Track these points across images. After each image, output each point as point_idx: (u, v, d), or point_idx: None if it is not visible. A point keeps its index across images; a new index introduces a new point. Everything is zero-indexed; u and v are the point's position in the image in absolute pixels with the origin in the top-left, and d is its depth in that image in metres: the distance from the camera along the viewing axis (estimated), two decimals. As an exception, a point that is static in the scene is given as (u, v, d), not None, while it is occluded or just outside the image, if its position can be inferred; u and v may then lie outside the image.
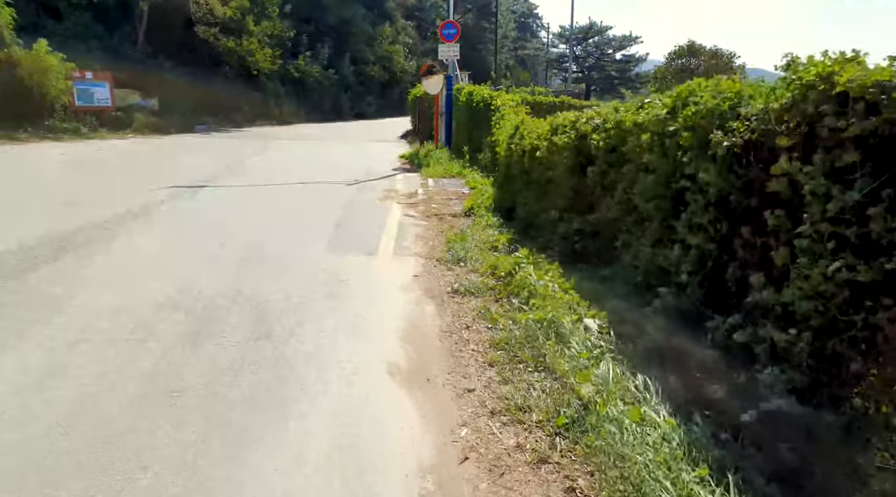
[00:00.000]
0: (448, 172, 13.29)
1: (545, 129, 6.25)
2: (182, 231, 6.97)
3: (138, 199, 9.11)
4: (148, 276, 5.04)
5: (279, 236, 6.54)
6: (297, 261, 5.56)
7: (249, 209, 8.51)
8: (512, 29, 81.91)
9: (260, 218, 7.72)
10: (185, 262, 5.44)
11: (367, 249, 6.14)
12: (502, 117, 12.21)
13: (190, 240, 6.42)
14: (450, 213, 8.38)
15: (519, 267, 4.77)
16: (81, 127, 20.78)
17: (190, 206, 8.69)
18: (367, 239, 6.59)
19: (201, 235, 6.65)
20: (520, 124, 8.23)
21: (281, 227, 7.16)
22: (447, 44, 16.37)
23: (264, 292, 4.62)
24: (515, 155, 7.78)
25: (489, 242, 6.17)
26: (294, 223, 7.40)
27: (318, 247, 6.12)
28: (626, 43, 75.06)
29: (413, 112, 25.01)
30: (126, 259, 5.68)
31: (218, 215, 7.94)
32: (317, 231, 6.91)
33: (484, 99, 14.31)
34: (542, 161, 6.21)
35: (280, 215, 7.96)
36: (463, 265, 5.42)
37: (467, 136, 16.18)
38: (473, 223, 7.45)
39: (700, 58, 34.65)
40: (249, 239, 6.32)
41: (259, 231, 6.81)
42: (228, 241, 6.25)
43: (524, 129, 7.63)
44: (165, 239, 6.51)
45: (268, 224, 7.33)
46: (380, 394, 3.13)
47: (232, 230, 6.85)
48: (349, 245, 6.28)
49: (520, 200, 7.49)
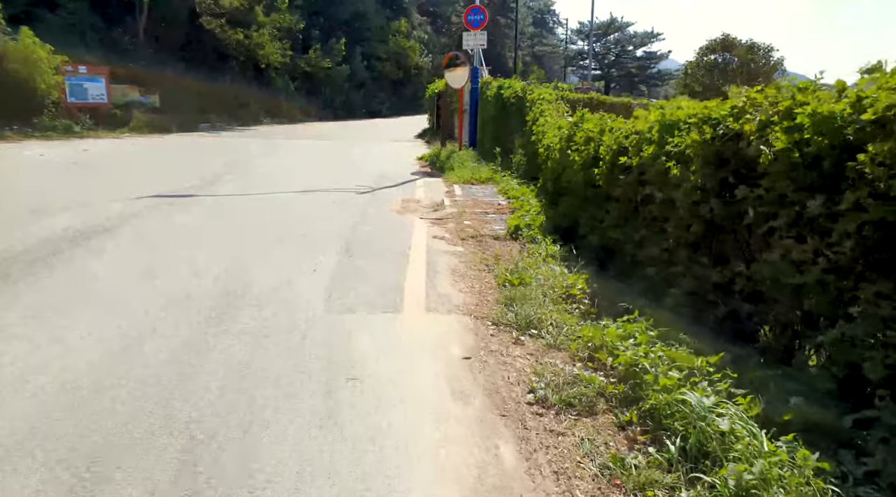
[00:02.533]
0: (476, 177, 11.48)
1: (638, 126, 4.41)
2: (139, 262, 5.22)
3: (110, 211, 7.46)
4: (55, 339, 3.31)
5: (263, 277, 4.70)
6: (278, 333, 3.64)
7: (235, 229, 6.73)
8: (528, 25, 79.92)
9: (245, 244, 5.88)
10: (105, 327, 3.64)
11: (387, 300, 4.26)
12: (541, 114, 10.40)
13: (137, 284, 4.64)
14: (490, 234, 6.57)
15: (641, 350, 2.92)
16: (73, 125, 19.23)
17: (164, 224, 6.96)
18: (384, 278, 4.76)
19: (160, 271, 4.88)
20: (579, 122, 6.41)
21: (269, 258, 5.32)
22: (473, 31, 14.55)
23: (209, 423, 2.59)
24: (576, 162, 5.96)
25: (559, 287, 4.34)
26: (288, 253, 5.57)
27: (314, 297, 4.25)
28: (648, 39, 72.80)
29: (431, 109, 23.22)
30: (56, 298, 3.97)
31: (193, 238, 6.15)
32: (317, 267, 5.10)
33: (516, 93, 12.49)
34: (636, 173, 4.38)
35: (272, 238, 6.14)
36: (535, 334, 3.59)
37: (495, 135, 14.36)
38: (527, 251, 5.63)
39: (734, 53, 32.49)
40: (221, 283, 4.49)
41: (239, 267, 4.97)
42: (193, 285, 4.49)
43: (589, 127, 5.80)
44: (111, 277, 4.77)
45: (253, 254, 5.46)
46: None
47: (204, 264, 5.08)
48: (360, 293, 4.41)
49: (585, 221, 5.66)
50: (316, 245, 5.92)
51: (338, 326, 3.72)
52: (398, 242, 6.17)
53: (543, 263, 5.09)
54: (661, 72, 73.44)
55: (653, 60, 74.29)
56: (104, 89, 21.17)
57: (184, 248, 5.71)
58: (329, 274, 4.87)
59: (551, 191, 7.66)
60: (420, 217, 7.92)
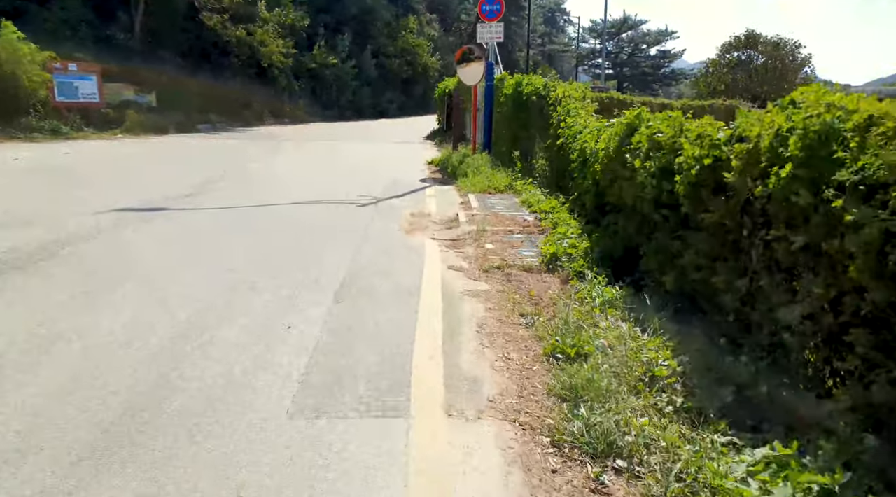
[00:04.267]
0: (493, 185, 10.17)
1: (748, 131, 3.08)
2: (48, 315, 3.95)
3: (65, 227, 6.29)
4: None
5: (215, 349, 3.35)
6: (212, 459, 2.31)
7: (202, 259, 5.40)
8: (539, 23, 78.40)
9: (208, 285, 4.50)
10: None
11: (387, 390, 2.89)
12: (568, 113, 9.07)
13: (48, 344, 3.37)
14: (520, 264, 5.25)
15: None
16: (62, 126, 18.11)
17: (115, 251, 5.70)
18: (385, 343, 3.43)
19: (69, 334, 3.60)
20: (635, 122, 5.08)
21: (232, 312, 3.94)
22: (489, 23, 13.23)
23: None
24: (636, 173, 4.64)
25: (636, 361, 3.02)
26: (260, 299, 4.22)
27: (280, 392, 2.86)
28: (662, 38, 71.14)
29: (441, 109, 21.91)
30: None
31: (142, 276, 4.73)
32: (294, 322, 3.77)
33: (537, 90, 11.13)
34: (741, 198, 3.06)
35: (245, 276, 4.77)
36: (624, 467, 2.19)
37: (512, 137, 13.03)
38: (573, 294, 4.31)
39: (759, 50, 30.91)
40: (141, 376, 3.11)
41: (181, 333, 3.54)
42: (92, 383, 3.20)
43: (658, 129, 4.47)
44: (21, 331, 3.50)
45: (212, 302, 4.09)
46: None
47: (134, 325, 3.77)
48: (348, 377, 3.03)
49: (652, 252, 4.34)
50: (300, 284, 4.61)
51: (304, 452, 2.40)
52: (406, 276, 4.86)
53: (601, 314, 3.77)
54: (675, 71, 71.74)
55: (667, 59, 72.59)
56: (96, 88, 20.02)
57: (123, 294, 4.41)
58: (309, 337, 3.52)
59: (592, 206, 6.34)
60: (432, 237, 6.63)
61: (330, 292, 4.39)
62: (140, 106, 22.16)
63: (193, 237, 6.32)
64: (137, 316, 3.86)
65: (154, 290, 4.42)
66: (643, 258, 4.57)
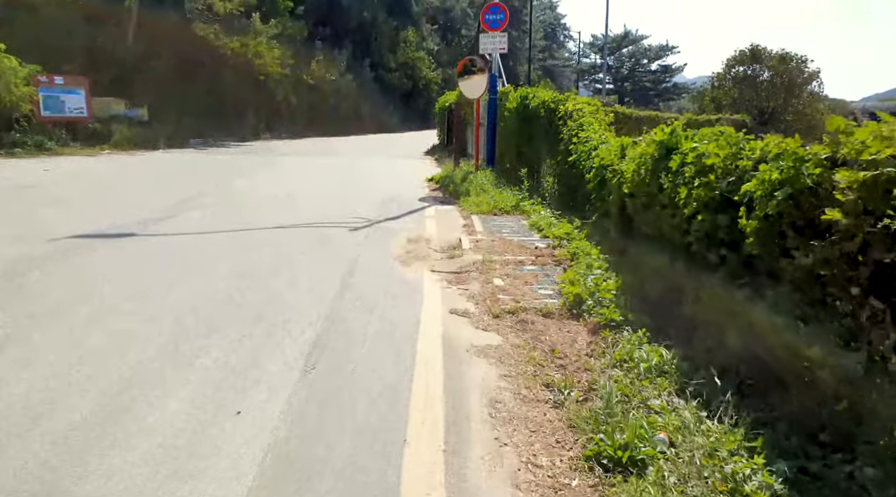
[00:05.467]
0: (499, 206, 9.35)
1: (867, 150, 2.26)
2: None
3: (6, 256, 5.44)
4: None
5: (122, 455, 2.43)
6: None
7: (150, 299, 4.48)
8: (539, 38, 78.15)
9: (146, 335, 3.69)
10: None
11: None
12: (581, 128, 8.29)
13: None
14: (537, 307, 4.40)
15: None
16: (46, 141, 17.36)
17: (39, 296, 4.87)
18: (366, 451, 2.49)
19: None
20: (670, 140, 4.26)
21: (166, 381, 3.07)
22: (492, 33, 12.49)
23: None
24: (677, 200, 3.81)
25: (714, 468, 2.18)
26: (207, 362, 3.34)
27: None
28: (663, 53, 70.80)
29: (442, 123, 21.19)
30: None
31: (65, 332, 3.82)
32: (248, 404, 2.87)
33: (545, 104, 10.36)
34: (857, 242, 2.24)
35: (194, 325, 3.93)
36: None
37: (517, 153, 12.25)
38: (608, 351, 3.46)
39: (765, 64, 30.23)
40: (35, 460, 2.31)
41: (100, 408, 2.77)
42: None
43: (708, 150, 3.65)
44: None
45: (149, 366, 3.23)
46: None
47: (57, 384, 2.94)
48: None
49: (709, 302, 3.49)
50: (262, 341, 3.71)
51: None
52: (398, 328, 4.00)
53: (650, 387, 2.92)
54: (677, 85, 71.32)
55: (668, 74, 72.21)
56: (84, 101, 19.32)
57: (33, 349, 3.56)
58: (261, 438, 2.58)
59: (618, 234, 5.51)
60: (432, 268, 5.79)
61: (299, 354, 3.50)
62: (130, 120, 21.44)
63: (146, 271, 5.43)
64: (45, 380, 3.00)
65: (74, 346, 3.56)
66: (691, 304, 3.73)
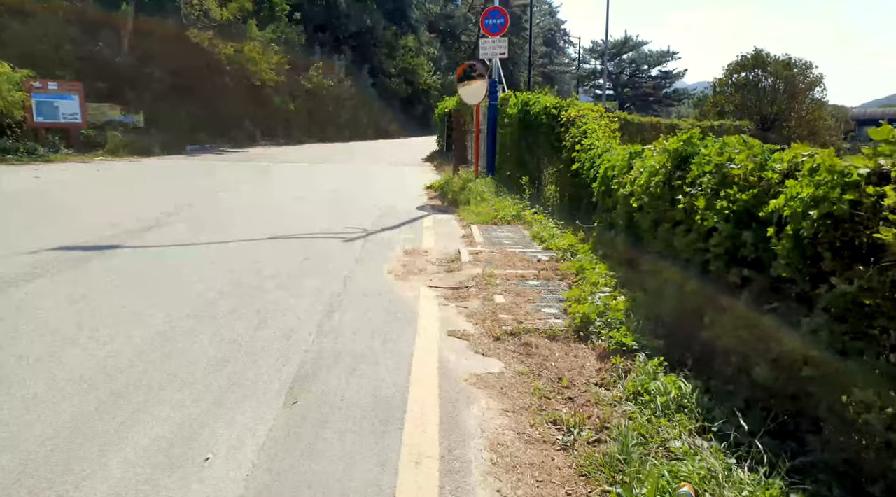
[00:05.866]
0: (499, 215, 9.03)
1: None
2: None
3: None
4: None
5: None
6: None
7: (94, 335, 4.07)
8: (539, 44, 78.10)
9: (77, 390, 3.05)
10: None
11: None
12: (585, 135, 7.99)
13: None
14: (542, 328, 4.08)
15: None
16: (39, 147, 17.08)
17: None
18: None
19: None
20: (687, 148, 3.95)
21: (80, 466, 2.39)
22: (492, 38, 12.22)
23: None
24: (697, 219, 3.50)
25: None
26: (145, 436, 2.63)
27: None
28: (663, 59, 70.71)
29: (441, 130, 20.91)
30: None
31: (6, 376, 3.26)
32: (210, 462, 2.43)
33: (546, 110, 10.06)
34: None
35: (135, 373, 3.28)
36: None
37: (518, 161, 11.96)
38: (619, 381, 3.13)
39: (768, 69, 29.98)
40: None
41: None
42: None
43: (740, 159, 3.34)
44: None
45: (62, 447, 2.50)
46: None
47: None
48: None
49: (731, 329, 3.17)
50: (220, 395, 3.08)
51: None
52: (391, 357, 3.66)
53: (669, 425, 2.59)
54: (678, 91, 71.23)
55: (668, 80, 72.12)
56: (78, 107, 19.03)
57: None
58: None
59: (624, 248, 5.19)
60: (429, 283, 5.47)
61: (274, 400, 3.03)
62: (126, 126, 21.16)
63: (104, 295, 5.03)
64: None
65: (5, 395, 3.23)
66: (710, 328, 3.40)
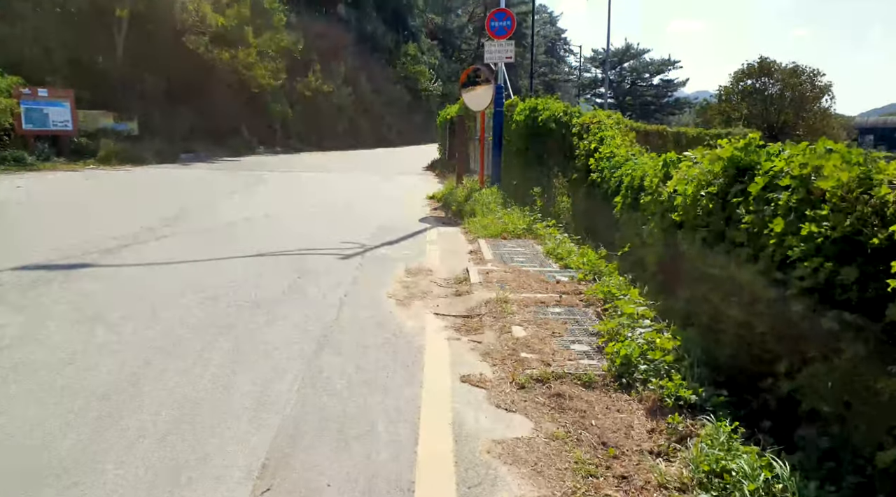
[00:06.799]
0: (508, 229, 8.39)
1: None
2: None
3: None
4: None
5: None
6: None
7: (21, 387, 3.51)
8: (541, 53, 77.79)
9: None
10: None
11: None
12: (601, 142, 7.37)
13: None
14: (573, 372, 3.41)
15: None
16: (26, 155, 16.43)
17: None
18: None
19: None
20: (749, 161, 3.32)
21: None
22: (497, 41, 11.61)
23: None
24: (769, 243, 2.85)
25: None
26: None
27: None
28: (664, 67, 70.35)
29: (443, 137, 20.30)
30: None
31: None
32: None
33: (556, 117, 9.45)
34: None
35: (78, 442, 2.62)
36: None
37: (525, 170, 11.33)
38: (686, 454, 2.47)
39: (776, 77, 29.44)
40: None
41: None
42: None
43: (811, 169, 2.70)
44: None
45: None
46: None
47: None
48: None
49: (831, 390, 2.51)
50: (187, 461, 2.50)
51: None
52: (392, 420, 2.97)
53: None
54: (679, 99, 70.87)
55: (669, 88, 71.78)
56: (69, 115, 18.43)
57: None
58: None
59: (659, 271, 4.53)
60: (435, 310, 4.81)
61: (240, 484, 2.38)
62: (119, 134, 20.53)
63: (45, 332, 4.36)
64: None
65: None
66: (790, 381, 2.74)
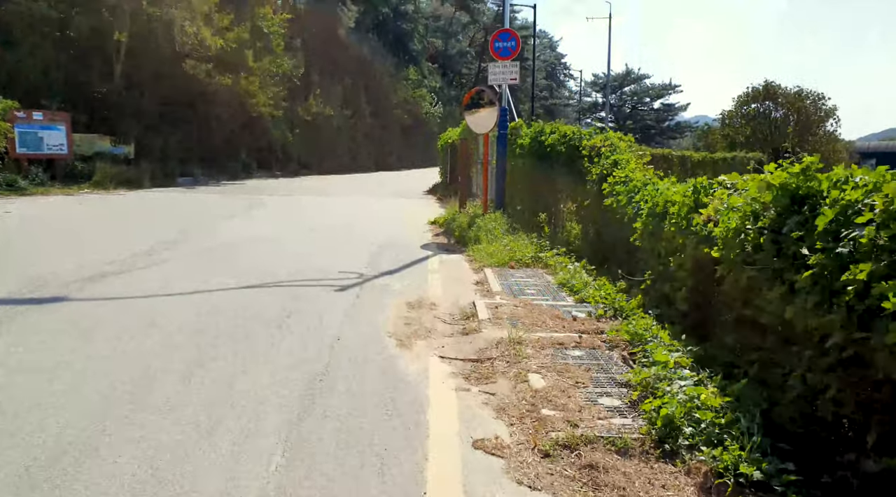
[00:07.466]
0: (515, 257, 7.92)
1: None
2: None
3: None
4: None
5: None
6: None
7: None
8: (541, 78, 78.23)
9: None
10: None
11: None
12: (616, 166, 6.94)
13: None
14: (606, 438, 2.90)
15: None
16: (19, 179, 16.04)
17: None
18: None
19: None
20: (809, 190, 2.86)
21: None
22: (502, 62, 11.29)
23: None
24: (837, 285, 2.36)
25: None
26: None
27: None
28: (665, 91, 70.63)
29: (445, 161, 19.96)
30: None
31: None
32: None
33: (564, 140, 9.05)
34: None
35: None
36: None
37: (531, 194, 10.93)
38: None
39: (780, 101, 29.23)
40: None
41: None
42: None
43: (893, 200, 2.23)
44: None
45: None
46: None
47: None
48: None
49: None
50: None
51: None
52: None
53: None
54: (680, 123, 71.01)
55: (670, 113, 71.99)
56: (64, 138, 18.11)
57: None
58: None
59: (692, 309, 4.04)
60: (440, 353, 4.32)
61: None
62: (115, 157, 20.19)
63: (28, 380, 3.96)
64: None
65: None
66: (877, 450, 2.24)
